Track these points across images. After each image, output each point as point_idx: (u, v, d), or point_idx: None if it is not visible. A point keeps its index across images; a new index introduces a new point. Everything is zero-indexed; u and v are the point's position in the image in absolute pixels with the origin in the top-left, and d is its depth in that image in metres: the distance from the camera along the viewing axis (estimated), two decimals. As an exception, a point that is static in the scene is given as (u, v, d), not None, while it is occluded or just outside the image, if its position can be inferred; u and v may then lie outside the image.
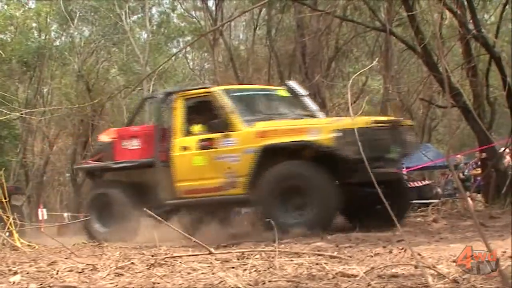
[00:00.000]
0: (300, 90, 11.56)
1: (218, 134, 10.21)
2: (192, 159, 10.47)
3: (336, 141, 9.31)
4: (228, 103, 10.34)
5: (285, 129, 9.96)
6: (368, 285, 3.93)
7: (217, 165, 10.21)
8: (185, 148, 10.54)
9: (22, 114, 18.73)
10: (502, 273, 3.22)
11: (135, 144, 11.22)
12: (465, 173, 17.09)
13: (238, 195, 10.06)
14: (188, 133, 10.64)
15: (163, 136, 10.90)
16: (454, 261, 4.81)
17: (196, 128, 10.61)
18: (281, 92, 11.47)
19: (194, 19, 28.20)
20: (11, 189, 16.91)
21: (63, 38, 28.94)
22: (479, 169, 16.38)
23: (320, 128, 9.67)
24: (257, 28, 24.73)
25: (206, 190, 10.32)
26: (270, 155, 9.69)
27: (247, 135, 10.00)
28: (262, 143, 9.74)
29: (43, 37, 27.13)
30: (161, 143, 10.83)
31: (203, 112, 10.74)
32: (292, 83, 11.97)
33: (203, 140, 10.38)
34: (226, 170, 10.09)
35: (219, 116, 10.27)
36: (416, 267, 4.24)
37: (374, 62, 13.67)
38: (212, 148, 10.26)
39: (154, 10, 29.11)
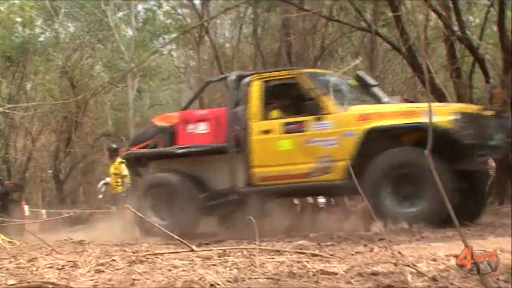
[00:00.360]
0: (371, 80, 11.22)
1: (309, 117, 9.61)
2: (275, 143, 9.85)
3: (455, 124, 8.79)
4: (318, 86, 9.79)
5: (392, 111, 9.43)
6: (348, 283, 3.94)
7: (307, 149, 9.57)
8: (266, 132, 9.94)
9: (4, 109, 18.62)
10: (479, 271, 3.23)
11: (202, 128, 10.47)
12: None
13: (333, 181, 9.43)
14: (267, 116, 10.09)
15: (235, 120, 10.21)
16: (434, 260, 4.84)
17: (277, 111, 10.17)
18: (352, 81, 10.99)
19: (180, 17, 28.12)
20: (10, 187, 16.81)
21: (47, 33, 28.79)
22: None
23: (435, 110, 8.83)
24: (243, 27, 24.70)
25: (290, 176, 9.70)
26: (375, 139, 9.13)
27: (345, 118, 9.42)
28: (366, 126, 9.16)
29: (27, 32, 26.92)
30: (233, 127, 10.14)
31: (285, 95, 10.35)
32: (363, 73, 11.57)
33: (289, 123, 9.82)
34: (319, 155, 9.47)
35: (307, 99, 9.69)
36: (396, 265, 4.26)
37: (357, 61, 13.58)
38: (301, 132, 9.68)
39: (139, 7, 29.00)
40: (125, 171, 14.92)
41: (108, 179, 15.84)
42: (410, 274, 3.91)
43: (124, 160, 14.18)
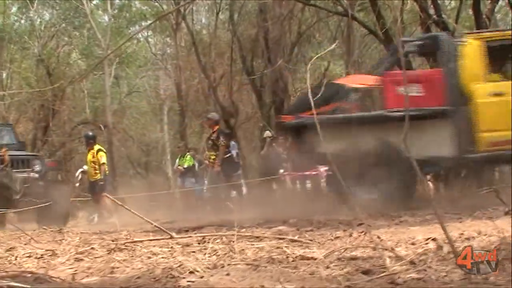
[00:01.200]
0: None
1: None
2: (509, 106, 9.11)
3: None
4: None
5: None
6: (327, 268, 3.96)
7: None
8: (498, 94, 9.42)
9: (-20, 98, 18.48)
10: (456, 254, 3.26)
11: (416, 90, 9.42)
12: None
13: None
14: (491, 78, 9.63)
15: (452, 81, 9.61)
16: (412, 243, 4.87)
17: (498, 74, 9.77)
18: None
19: (156, 3, 27.97)
20: (51, 164, 16.24)
21: (22, 21, 28.54)
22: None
23: None
24: (220, 13, 24.62)
25: None
26: None
27: None
28: None
29: (1, 20, 26.66)
30: (452, 89, 9.53)
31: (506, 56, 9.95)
32: None
33: None
34: None
35: None
36: (374, 249, 4.28)
37: (333, 46, 13.55)
38: None
39: (115, -7, 28.82)
40: (103, 159, 14.84)
41: (85, 167, 15.78)
42: (389, 258, 3.93)
43: (101, 148, 14.32)
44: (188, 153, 18.27)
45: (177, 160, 18.04)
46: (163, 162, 29.75)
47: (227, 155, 14.59)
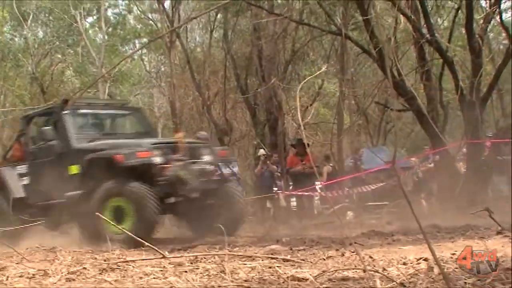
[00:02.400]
0: None
1: None
2: None
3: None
4: None
5: None
6: (318, 289, 3.96)
7: None
8: None
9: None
10: (445, 276, 3.27)
11: None
12: (419, 175, 17.23)
13: None
14: None
15: None
16: (404, 264, 4.87)
17: None
18: None
19: (151, 21, 28.05)
20: (222, 154, 14.45)
21: (16, 39, 28.56)
22: (431, 164, 16.54)
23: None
24: (214, 31, 24.68)
25: None
26: None
27: None
28: None
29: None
30: None
31: None
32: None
33: None
34: None
35: None
36: (364, 271, 4.29)
37: (324, 68, 13.64)
38: None
39: (109, 11, 28.90)
40: None
41: None
42: (379, 279, 3.94)
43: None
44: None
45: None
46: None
47: None
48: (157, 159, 10.43)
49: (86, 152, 10.84)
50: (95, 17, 28.72)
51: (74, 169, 10.93)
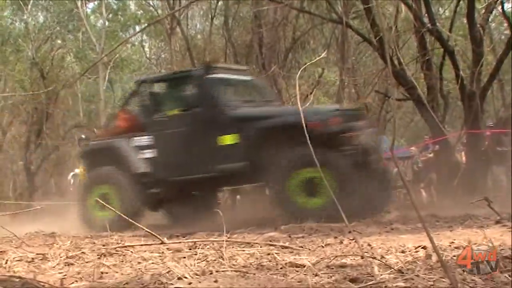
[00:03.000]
0: None
1: None
2: None
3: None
4: None
5: None
6: (316, 275, 3.96)
7: None
8: None
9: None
10: (443, 263, 3.27)
11: None
12: (419, 165, 17.24)
13: None
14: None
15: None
16: (402, 251, 4.89)
17: None
18: None
19: (151, 8, 28.00)
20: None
21: (16, 24, 28.51)
22: (430, 154, 16.54)
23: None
24: (214, 18, 24.64)
25: None
26: None
27: None
28: None
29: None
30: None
31: None
32: None
33: None
34: None
35: None
36: (362, 257, 4.29)
37: (324, 54, 13.54)
38: None
39: (110, -3, 28.85)
40: None
41: (77, 171, 15.75)
42: (377, 266, 3.94)
43: None
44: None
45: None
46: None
47: None
48: (347, 127, 9.77)
49: (244, 120, 10.08)
50: (96, 2, 28.67)
51: (229, 139, 10.07)
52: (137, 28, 29.03)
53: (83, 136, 15.79)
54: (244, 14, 22.54)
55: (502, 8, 16.07)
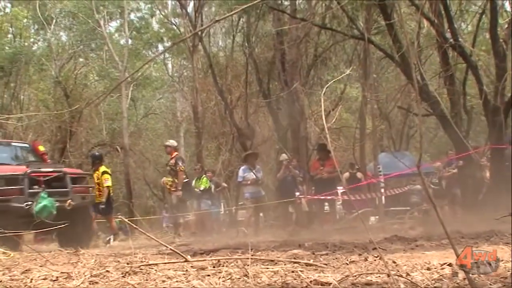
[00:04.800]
0: None
1: None
2: None
3: None
4: None
5: None
6: (341, 294, 3.94)
7: None
8: None
9: (-1, 119, 18.59)
10: (471, 281, 3.24)
11: None
12: (434, 180, 17.15)
13: None
14: None
15: None
16: (428, 269, 4.83)
17: None
18: None
19: (173, 26, 28.18)
20: None
21: (40, 43, 28.78)
22: (454, 169, 16.45)
23: None
24: (236, 35, 24.74)
25: None
26: None
27: None
28: None
29: (19, 42, 26.87)
30: None
31: None
32: None
33: None
34: None
35: None
36: (388, 275, 4.26)
37: (349, 71, 13.57)
38: None
39: (132, 15, 29.04)
40: (107, 182, 14.82)
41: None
42: (404, 284, 3.91)
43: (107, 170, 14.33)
44: (204, 175, 18.24)
45: (193, 182, 17.98)
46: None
47: (186, 180, 15.36)
48: None
49: None
50: (118, 21, 28.88)
51: None
52: (160, 46, 29.24)
53: (96, 153, 16.18)
54: (265, 31, 22.61)
55: (525, 22, 16.00)
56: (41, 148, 13.71)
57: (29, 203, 11.13)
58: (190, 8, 24.48)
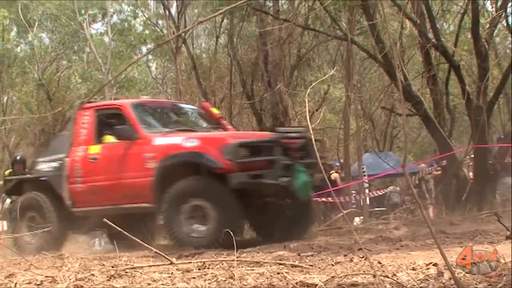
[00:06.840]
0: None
1: None
2: None
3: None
4: None
5: None
6: (328, 295, 3.94)
7: None
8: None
9: (-19, 123, 18.46)
10: (456, 281, 3.25)
11: None
12: (417, 181, 17.21)
13: None
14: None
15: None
16: (413, 269, 4.85)
17: None
18: None
19: (156, 28, 28.09)
20: None
21: (22, 46, 28.62)
22: (439, 169, 16.51)
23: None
24: (220, 37, 24.72)
25: None
26: None
27: None
28: None
29: (1, 45, 26.68)
30: None
31: None
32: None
33: None
34: None
35: None
36: (374, 276, 4.27)
37: (333, 72, 13.59)
38: None
39: (115, 17, 28.94)
40: None
41: None
42: (389, 284, 3.92)
43: None
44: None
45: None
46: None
47: None
48: None
49: None
50: (100, 23, 28.78)
51: None
52: (143, 48, 29.14)
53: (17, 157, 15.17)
54: (249, 32, 22.59)
55: (507, 22, 16.10)
56: (215, 111, 11.47)
57: (286, 178, 9.15)
58: (173, 9, 24.43)
